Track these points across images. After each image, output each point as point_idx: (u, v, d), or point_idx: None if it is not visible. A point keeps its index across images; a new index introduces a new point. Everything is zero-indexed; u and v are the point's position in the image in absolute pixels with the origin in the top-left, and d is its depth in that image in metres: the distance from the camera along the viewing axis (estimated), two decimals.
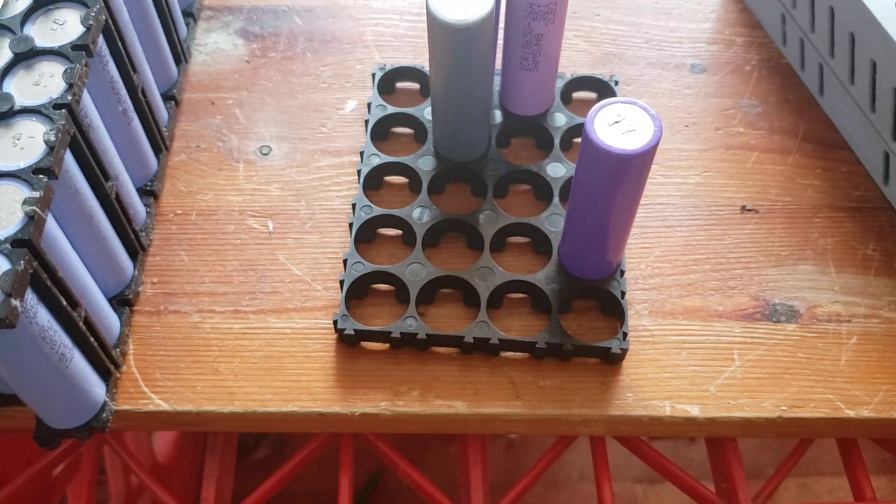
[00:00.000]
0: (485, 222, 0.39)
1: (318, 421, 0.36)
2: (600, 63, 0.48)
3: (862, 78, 0.41)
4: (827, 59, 0.43)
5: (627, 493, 0.93)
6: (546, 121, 0.43)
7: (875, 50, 0.39)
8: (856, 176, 0.43)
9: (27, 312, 0.28)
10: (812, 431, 0.37)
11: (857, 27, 0.40)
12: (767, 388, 0.37)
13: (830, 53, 0.43)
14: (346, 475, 0.38)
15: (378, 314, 0.38)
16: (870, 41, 0.39)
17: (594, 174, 0.32)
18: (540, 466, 0.39)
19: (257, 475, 0.51)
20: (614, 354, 0.36)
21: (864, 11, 0.38)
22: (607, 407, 0.36)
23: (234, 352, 0.37)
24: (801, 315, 0.39)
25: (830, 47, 0.43)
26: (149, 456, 0.62)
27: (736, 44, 0.49)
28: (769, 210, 0.42)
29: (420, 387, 0.36)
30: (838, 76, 0.43)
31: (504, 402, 0.36)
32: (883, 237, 0.41)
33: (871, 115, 0.41)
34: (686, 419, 0.36)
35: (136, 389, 0.36)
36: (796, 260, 0.40)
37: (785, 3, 0.46)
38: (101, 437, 0.39)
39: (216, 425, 0.37)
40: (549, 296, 0.37)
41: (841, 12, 0.41)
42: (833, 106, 0.45)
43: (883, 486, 0.93)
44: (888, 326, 0.38)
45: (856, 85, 0.42)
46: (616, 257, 0.37)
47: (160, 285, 0.39)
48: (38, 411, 0.34)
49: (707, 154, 0.44)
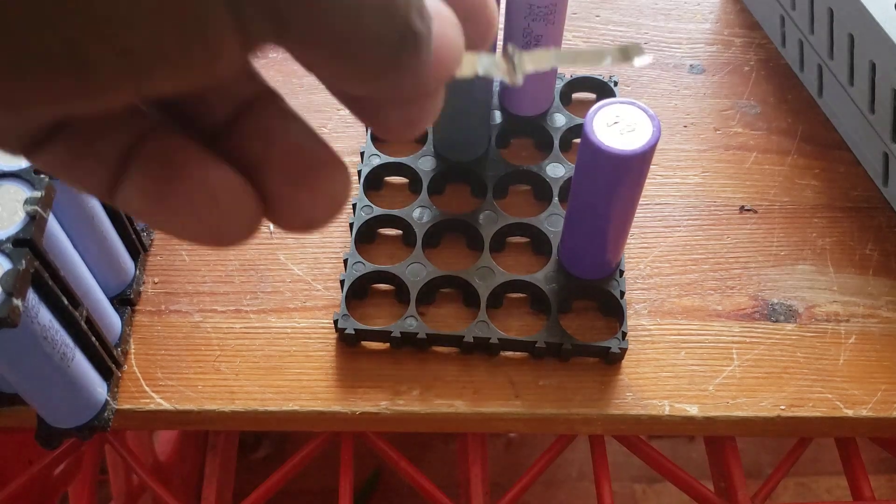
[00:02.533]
0: (485, 222, 0.39)
1: (318, 420, 0.36)
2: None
3: (861, 79, 0.41)
4: (826, 60, 0.44)
5: (626, 491, 0.93)
6: (546, 121, 0.43)
7: (874, 51, 0.39)
8: (854, 176, 0.44)
9: (29, 312, 0.28)
10: (810, 430, 0.38)
11: (856, 29, 0.40)
12: (766, 388, 0.37)
13: (829, 55, 0.43)
14: (347, 474, 0.38)
15: (378, 314, 0.38)
16: (869, 43, 0.39)
17: (593, 174, 0.33)
18: (539, 465, 0.39)
19: (258, 474, 0.51)
20: (613, 354, 0.36)
21: (863, 13, 0.38)
22: (606, 406, 0.36)
23: (235, 351, 0.37)
24: (800, 315, 0.39)
25: (829, 49, 0.43)
26: (150, 455, 0.62)
27: (735, 44, 0.49)
28: (768, 210, 0.42)
29: (420, 386, 0.36)
30: (837, 77, 0.43)
31: (504, 402, 0.36)
32: (881, 237, 0.41)
33: (871, 116, 0.41)
34: (685, 418, 0.36)
35: (138, 389, 0.36)
36: (795, 260, 0.41)
37: (784, 4, 0.46)
38: (102, 436, 0.39)
39: (217, 424, 0.37)
40: (549, 296, 0.37)
41: (840, 14, 0.41)
42: (832, 107, 0.45)
43: (881, 486, 0.93)
44: (886, 326, 0.38)
45: (855, 86, 0.42)
46: (615, 257, 0.37)
47: (161, 285, 0.39)
48: (39, 410, 0.34)
49: (706, 154, 0.44)
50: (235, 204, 0.13)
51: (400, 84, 0.13)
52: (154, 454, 0.62)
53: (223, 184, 0.13)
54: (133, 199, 0.13)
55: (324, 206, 0.14)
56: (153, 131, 0.14)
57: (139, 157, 0.13)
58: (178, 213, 0.13)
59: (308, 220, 0.14)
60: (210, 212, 0.13)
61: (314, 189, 0.14)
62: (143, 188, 0.13)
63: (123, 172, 0.13)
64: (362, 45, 0.12)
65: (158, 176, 0.13)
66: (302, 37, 0.11)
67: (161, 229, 0.13)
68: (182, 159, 0.13)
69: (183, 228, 0.13)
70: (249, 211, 0.13)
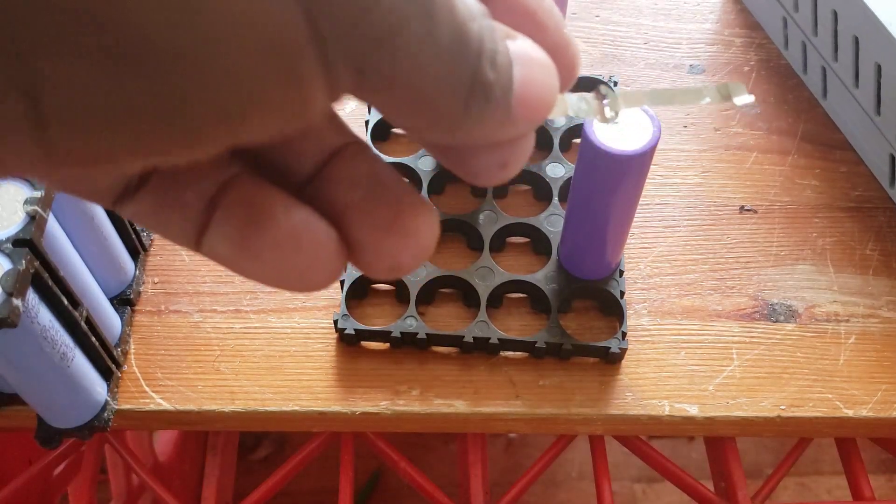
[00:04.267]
0: (484, 222, 0.39)
1: (318, 420, 0.36)
2: (599, 64, 0.48)
3: (867, 81, 0.41)
4: (830, 62, 0.43)
5: (626, 491, 0.93)
6: (545, 121, 0.43)
7: (880, 53, 0.39)
8: (854, 176, 0.44)
9: (28, 312, 0.28)
10: (811, 431, 0.38)
11: (861, 31, 0.39)
12: (766, 388, 0.37)
13: (834, 57, 0.43)
14: (347, 474, 0.38)
15: (378, 314, 0.38)
16: (874, 45, 0.39)
17: (593, 175, 0.33)
18: (539, 465, 0.39)
19: (258, 474, 0.51)
20: (613, 354, 0.36)
21: (868, 15, 0.38)
22: (606, 406, 0.36)
23: (235, 351, 0.37)
24: (800, 315, 0.39)
25: (834, 51, 0.43)
26: (150, 455, 0.62)
27: (735, 44, 0.49)
28: (768, 210, 0.42)
29: (420, 386, 0.36)
30: (842, 79, 0.43)
31: (504, 402, 0.36)
32: (881, 237, 0.41)
33: (877, 117, 0.41)
34: (685, 418, 0.36)
35: (138, 389, 0.36)
36: (795, 260, 0.41)
37: (786, 6, 0.46)
38: (102, 436, 0.39)
39: (217, 424, 0.37)
40: (549, 295, 0.37)
41: (844, 16, 0.41)
42: (836, 109, 0.45)
43: (881, 486, 0.93)
44: (887, 326, 0.38)
45: (860, 88, 0.42)
46: (615, 257, 0.37)
47: (161, 285, 0.39)
48: (39, 410, 0.34)
49: (706, 154, 0.44)
50: (320, 249, 0.13)
51: (474, 133, 0.13)
52: (154, 454, 0.62)
53: (307, 228, 0.13)
54: (219, 246, 0.13)
55: (410, 252, 0.14)
56: (237, 179, 0.14)
57: (224, 206, 0.14)
58: (262, 258, 0.13)
59: (394, 266, 0.14)
60: (295, 257, 0.13)
61: (401, 235, 0.14)
62: (229, 235, 0.13)
63: (209, 221, 0.14)
64: (432, 95, 0.12)
65: (243, 222, 0.13)
66: (379, 84, 0.12)
67: (247, 275, 0.14)
68: (267, 205, 0.13)
69: (268, 274, 0.13)
70: (334, 256, 0.13)
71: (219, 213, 0.13)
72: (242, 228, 0.13)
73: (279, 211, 0.13)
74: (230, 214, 0.13)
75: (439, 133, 0.13)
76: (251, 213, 0.13)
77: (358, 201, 0.14)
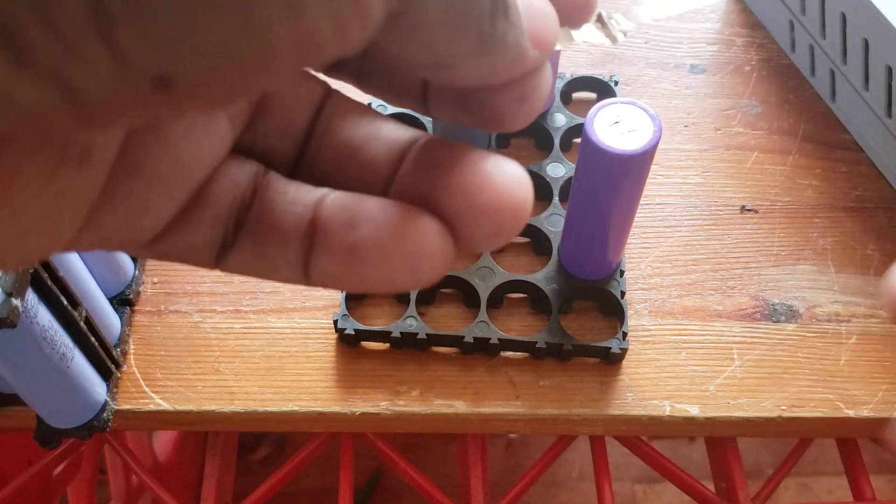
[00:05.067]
0: None
1: (318, 420, 0.36)
2: (600, 63, 0.48)
3: (877, 84, 0.40)
4: (839, 65, 0.43)
5: (627, 492, 0.93)
6: (546, 121, 0.43)
7: (890, 56, 0.38)
8: (855, 176, 0.43)
9: (28, 312, 0.28)
10: (811, 431, 0.37)
11: (871, 33, 0.39)
12: (767, 388, 0.37)
13: (843, 60, 0.43)
14: (347, 475, 0.38)
15: (378, 314, 0.38)
16: (884, 47, 0.38)
17: (594, 174, 0.32)
18: (540, 466, 0.39)
19: (258, 475, 0.51)
20: (614, 354, 0.36)
21: (878, 17, 0.38)
22: (607, 406, 0.36)
23: (235, 351, 0.37)
24: (801, 315, 0.39)
25: (843, 54, 0.42)
26: (149, 455, 0.62)
27: (736, 44, 0.49)
28: (769, 210, 0.42)
29: (420, 386, 0.36)
30: (851, 82, 0.43)
31: (504, 402, 0.36)
32: (882, 237, 0.41)
33: (888, 120, 0.41)
34: (685, 419, 0.36)
35: (137, 389, 0.36)
36: (796, 260, 0.40)
37: (793, 9, 0.46)
38: (101, 436, 0.39)
39: (217, 425, 0.37)
40: (549, 296, 0.37)
41: (853, 18, 0.40)
42: (846, 111, 0.45)
43: (882, 486, 0.93)
44: (887, 326, 0.38)
45: (870, 91, 0.41)
46: (616, 257, 0.37)
47: (161, 285, 0.39)
48: (38, 411, 0.34)
49: (707, 154, 0.44)
50: (424, 233, 0.13)
51: (497, 60, 0.13)
52: (153, 454, 0.62)
53: (405, 217, 0.13)
54: (328, 268, 0.13)
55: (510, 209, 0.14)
56: (322, 207, 0.14)
57: (319, 231, 0.13)
58: (372, 261, 0.13)
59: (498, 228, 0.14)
60: (405, 252, 0.13)
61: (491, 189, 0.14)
62: (333, 253, 0.13)
63: (310, 251, 0.13)
64: (465, 6, 0.12)
65: (341, 233, 0.13)
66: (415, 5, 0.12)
67: (364, 288, 0.13)
68: (360, 213, 0.13)
69: (382, 277, 0.13)
70: (439, 237, 0.13)
71: (317, 239, 0.13)
72: (342, 238, 0.13)
73: (375, 213, 0.13)
74: (328, 233, 0.13)
75: (468, 61, 0.13)
76: (346, 221, 0.13)
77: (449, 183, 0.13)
